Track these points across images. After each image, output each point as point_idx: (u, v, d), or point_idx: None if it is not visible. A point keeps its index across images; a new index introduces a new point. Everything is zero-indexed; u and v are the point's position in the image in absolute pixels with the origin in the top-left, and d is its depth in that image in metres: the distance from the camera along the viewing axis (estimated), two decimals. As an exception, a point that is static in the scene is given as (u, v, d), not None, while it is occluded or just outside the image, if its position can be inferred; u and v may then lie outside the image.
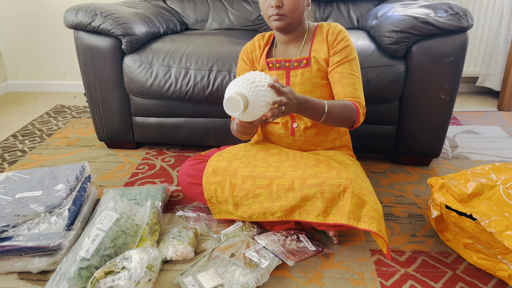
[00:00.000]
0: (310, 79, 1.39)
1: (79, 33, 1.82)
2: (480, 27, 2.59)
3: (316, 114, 1.27)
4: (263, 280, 1.17)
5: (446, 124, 1.74)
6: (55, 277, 1.17)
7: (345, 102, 1.32)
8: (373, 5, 2.22)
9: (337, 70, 1.37)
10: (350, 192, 1.21)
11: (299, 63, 1.40)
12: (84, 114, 2.54)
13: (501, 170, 1.34)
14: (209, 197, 1.38)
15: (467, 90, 2.85)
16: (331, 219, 1.24)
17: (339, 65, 1.36)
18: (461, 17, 1.56)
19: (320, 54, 1.39)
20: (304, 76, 1.39)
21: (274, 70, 1.43)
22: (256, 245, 1.30)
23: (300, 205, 1.27)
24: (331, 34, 1.39)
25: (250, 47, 1.49)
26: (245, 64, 1.49)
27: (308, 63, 1.39)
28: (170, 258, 1.27)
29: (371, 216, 1.19)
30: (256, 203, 1.32)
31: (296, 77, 1.40)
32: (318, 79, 1.39)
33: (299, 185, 1.26)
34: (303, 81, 1.39)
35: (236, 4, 2.34)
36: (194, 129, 1.93)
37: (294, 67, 1.41)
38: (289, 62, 1.41)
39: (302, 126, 1.43)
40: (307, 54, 1.40)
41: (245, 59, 1.49)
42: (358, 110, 1.33)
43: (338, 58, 1.36)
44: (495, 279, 1.21)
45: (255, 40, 1.49)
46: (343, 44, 1.37)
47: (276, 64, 1.42)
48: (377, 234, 1.17)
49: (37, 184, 1.46)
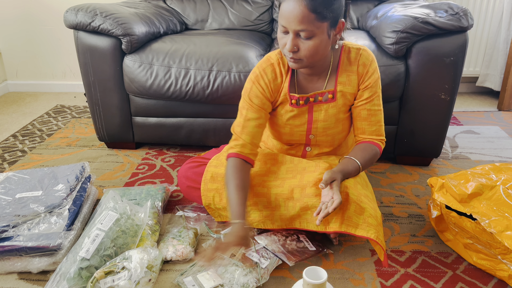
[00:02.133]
0: (335, 114, 1.28)
1: (79, 33, 1.82)
2: (480, 27, 2.59)
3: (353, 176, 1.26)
4: (263, 280, 1.17)
5: (446, 124, 1.74)
6: (55, 277, 1.17)
7: (373, 151, 1.28)
8: (373, 5, 2.22)
9: (366, 107, 1.27)
10: (348, 199, 1.20)
11: (323, 98, 1.27)
12: (84, 114, 2.54)
13: (501, 170, 1.34)
14: (207, 204, 1.37)
15: (467, 90, 2.85)
16: (332, 228, 1.23)
17: (368, 102, 1.27)
18: (461, 17, 1.56)
19: (348, 87, 1.26)
20: (328, 112, 1.28)
21: (296, 108, 1.29)
22: (256, 245, 1.30)
23: (300, 214, 1.27)
24: (362, 65, 1.24)
25: (271, 74, 1.27)
26: (263, 92, 1.27)
27: (334, 97, 1.27)
28: (170, 258, 1.27)
29: (369, 223, 1.19)
30: (255, 211, 1.31)
31: (320, 113, 1.29)
32: (342, 113, 1.30)
33: (298, 193, 1.25)
34: (327, 117, 1.29)
35: (236, 4, 2.34)
36: (194, 129, 1.93)
37: (317, 102, 1.28)
38: (313, 97, 1.28)
39: (315, 152, 1.39)
40: (332, 87, 1.27)
41: (263, 88, 1.27)
42: (381, 151, 1.31)
43: (368, 94, 1.26)
44: (495, 279, 1.21)
45: (275, 65, 1.27)
46: (375, 77, 1.25)
47: (300, 101, 1.28)
48: (375, 242, 1.17)
49: (37, 184, 1.46)
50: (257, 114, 1.28)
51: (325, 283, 0.94)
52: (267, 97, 1.28)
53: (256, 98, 1.28)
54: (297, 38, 1.12)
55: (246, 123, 1.28)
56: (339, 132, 1.34)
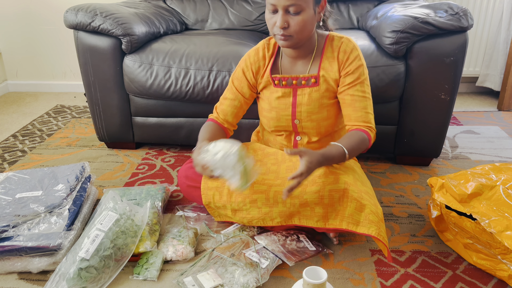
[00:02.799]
0: (318, 99, 1.32)
1: (79, 33, 1.82)
2: (480, 27, 2.59)
3: (338, 162, 1.23)
4: (263, 280, 1.17)
5: (446, 124, 1.74)
6: (54, 277, 1.17)
7: (359, 137, 1.26)
8: (373, 5, 2.22)
9: (349, 92, 1.29)
10: (348, 196, 1.20)
11: (307, 82, 1.32)
12: (84, 114, 2.54)
13: (501, 170, 1.34)
14: (207, 202, 1.37)
15: (467, 90, 2.85)
16: (331, 224, 1.24)
17: (350, 87, 1.29)
18: (461, 17, 1.56)
19: (330, 73, 1.31)
20: (311, 96, 1.32)
21: (280, 88, 1.35)
22: (256, 245, 1.30)
23: (300, 210, 1.27)
24: (342, 52, 1.29)
25: (254, 57, 1.37)
26: (243, 76, 1.38)
27: (317, 82, 1.31)
28: (170, 258, 1.27)
29: (370, 220, 1.19)
30: (254, 208, 1.32)
31: (303, 96, 1.33)
32: (326, 99, 1.33)
33: (298, 191, 1.25)
34: (311, 101, 1.33)
35: (236, 4, 2.34)
36: (194, 129, 1.93)
37: (301, 85, 1.33)
38: (296, 80, 1.33)
39: (305, 140, 1.41)
40: (315, 72, 1.32)
41: (245, 71, 1.37)
42: (370, 138, 1.28)
43: (350, 79, 1.28)
44: (495, 279, 1.21)
45: (260, 49, 1.37)
46: (355, 64, 1.28)
47: (283, 81, 1.34)
48: (376, 238, 1.17)
49: (37, 184, 1.46)
50: (233, 96, 1.40)
51: (325, 283, 0.94)
52: (248, 79, 1.38)
53: (236, 80, 1.40)
54: (287, 14, 1.19)
55: (222, 101, 1.42)
56: (324, 119, 1.35)
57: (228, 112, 1.40)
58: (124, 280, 1.22)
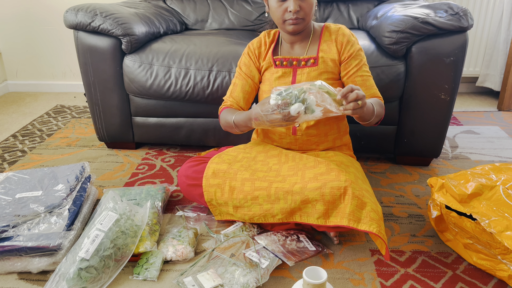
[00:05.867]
0: (316, 78, 1.40)
1: (79, 33, 1.82)
2: (480, 27, 2.59)
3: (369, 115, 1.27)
4: (263, 280, 1.17)
5: (446, 124, 1.74)
6: (54, 277, 1.17)
7: (377, 100, 1.38)
8: (373, 5, 2.22)
9: (358, 74, 1.40)
10: (350, 193, 1.20)
11: (306, 62, 1.42)
12: (84, 114, 2.54)
13: (501, 170, 1.34)
14: (209, 199, 1.38)
15: (467, 90, 2.85)
16: (332, 221, 1.24)
17: (358, 69, 1.40)
18: (461, 17, 1.56)
19: (329, 54, 1.41)
20: (310, 75, 1.41)
21: (281, 68, 1.44)
22: (256, 245, 1.30)
23: (301, 207, 1.27)
24: (341, 35, 1.41)
25: (256, 43, 1.50)
26: (249, 60, 1.49)
27: (316, 62, 1.41)
28: (170, 258, 1.27)
29: (371, 218, 1.19)
30: (256, 205, 1.32)
31: (302, 76, 1.42)
32: (324, 79, 1.40)
33: (299, 188, 1.26)
34: (309, 80, 1.40)
35: (236, 4, 2.34)
36: (194, 129, 1.93)
37: (301, 66, 1.42)
38: (297, 61, 1.43)
39: (304, 125, 1.43)
40: (314, 54, 1.42)
41: (250, 55, 1.49)
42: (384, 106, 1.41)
43: (355, 61, 1.39)
44: (495, 279, 1.21)
45: (261, 37, 1.50)
46: (356, 47, 1.40)
47: (284, 62, 1.44)
48: (377, 236, 1.17)
49: (37, 184, 1.46)
50: (243, 81, 1.50)
51: (325, 283, 0.94)
52: (253, 63, 1.49)
53: (244, 65, 1.50)
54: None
55: (233, 88, 1.51)
56: None
57: (240, 97, 1.49)
58: (124, 280, 1.22)
